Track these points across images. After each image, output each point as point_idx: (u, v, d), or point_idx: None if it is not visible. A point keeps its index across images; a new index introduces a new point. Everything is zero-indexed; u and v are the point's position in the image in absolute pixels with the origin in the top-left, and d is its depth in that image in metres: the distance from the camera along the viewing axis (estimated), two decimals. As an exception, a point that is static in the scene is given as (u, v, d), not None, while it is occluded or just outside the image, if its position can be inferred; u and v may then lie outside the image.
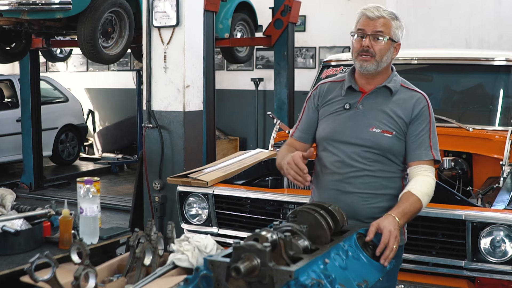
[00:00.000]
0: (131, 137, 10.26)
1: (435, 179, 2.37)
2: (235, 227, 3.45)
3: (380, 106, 2.38)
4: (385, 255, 2.06)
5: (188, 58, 4.86)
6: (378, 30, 2.32)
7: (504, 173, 3.33)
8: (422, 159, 2.33)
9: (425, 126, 2.36)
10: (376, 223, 2.12)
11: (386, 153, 2.35)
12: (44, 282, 1.86)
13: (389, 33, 2.34)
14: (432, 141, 2.36)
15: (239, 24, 7.87)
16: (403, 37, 2.41)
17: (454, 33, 8.87)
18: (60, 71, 12.18)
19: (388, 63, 2.40)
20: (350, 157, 2.36)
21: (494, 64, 4.09)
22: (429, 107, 2.39)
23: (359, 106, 2.39)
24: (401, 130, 2.36)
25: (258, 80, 9.89)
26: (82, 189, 2.47)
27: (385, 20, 2.33)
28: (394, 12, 2.38)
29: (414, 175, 2.33)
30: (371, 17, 2.33)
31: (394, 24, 2.35)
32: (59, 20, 5.80)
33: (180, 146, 4.87)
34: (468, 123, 3.81)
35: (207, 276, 1.62)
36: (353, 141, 2.36)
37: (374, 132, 2.34)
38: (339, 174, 2.38)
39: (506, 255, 2.77)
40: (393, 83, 2.41)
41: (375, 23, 2.33)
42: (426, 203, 2.29)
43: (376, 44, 2.33)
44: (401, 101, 2.38)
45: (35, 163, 8.31)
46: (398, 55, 2.47)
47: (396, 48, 2.40)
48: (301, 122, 2.56)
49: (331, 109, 2.45)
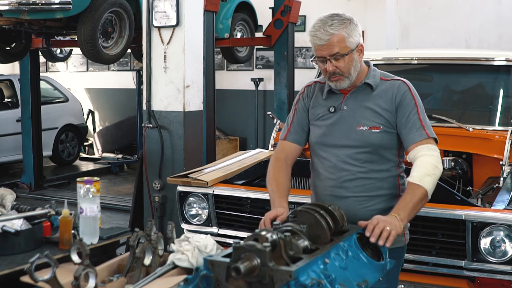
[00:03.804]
0: (131, 137, 10.26)
1: (437, 152, 2.29)
2: (235, 227, 3.45)
3: (363, 103, 2.37)
4: (374, 233, 2.01)
5: (188, 58, 4.86)
6: (335, 52, 2.26)
7: (504, 173, 3.33)
8: (417, 140, 2.29)
9: (411, 109, 2.32)
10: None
11: (378, 149, 2.33)
12: (44, 282, 1.86)
13: (345, 47, 2.27)
14: (424, 121, 2.32)
15: (239, 24, 7.88)
16: (360, 35, 2.33)
17: (454, 33, 8.87)
18: (60, 71, 12.17)
19: (359, 68, 2.36)
20: (342, 160, 2.35)
21: (494, 64, 4.08)
22: (412, 91, 2.37)
23: (343, 107, 2.38)
24: (388, 123, 2.34)
25: (258, 80, 9.88)
26: (82, 189, 2.46)
27: (335, 37, 2.25)
28: (343, 18, 2.30)
29: (413, 160, 2.29)
30: (321, 43, 2.27)
31: (346, 34, 2.27)
32: (59, 20, 5.80)
33: (180, 146, 4.88)
34: (468, 123, 3.81)
35: (207, 276, 1.62)
36: (342, 143, 2.35)
37: (362, 131, 2.33)
38: (333, 180, 2.37)
39: (506, 255, 2.77)
40: (372, 78, 2.39)
41: (328, 46, 2.26)
42: (430, 182, 2.22)
43: (339, 63, 2.29)
44: (382, 93, 2.37)
45: (35, 163, 8.31)
46: (398, 55, 2.46)
47: (360, 49, 2.34)
48: (293, 124, 2.51)
49: (317, 113, 2.44)
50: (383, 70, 2.51)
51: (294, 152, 2.50)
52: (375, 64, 2.51)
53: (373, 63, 2.53)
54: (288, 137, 2.51)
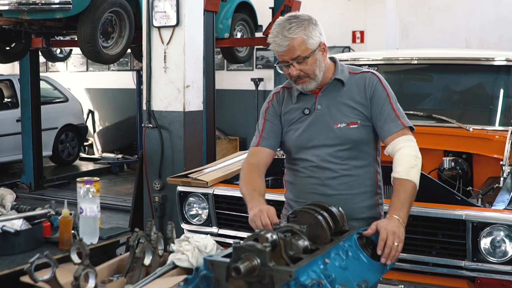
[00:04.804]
0: (131, 137, 10.26)
1: (414, 142, 2.30)
2: (235, 227, 3.44)
3: (337, 99, 2.35)
4: (385, 254, 2.04)
5: (188, 58, 4.86)
6: (296, 56, 2.24)
7: (504, 173, 3.32)
8: (393, 131, 2.29)
9: (384, 100, 2.32)
10: (376, 222, 2.11)
11: (357, 144, 2.33)
12: (44, 282, 1.86)
13: (306, 50, 2.23)
14: (398, 111, 2.32)
15: (239, 24, 7.88)
16: (322, 33, 2.30)
17: (454, 33, 8.88)
18: (60, 71, 12.18)
19: (325, 67, 2.33)
20: (324, 159, 2.33)
21: (494, 64, 4.08)
22: (382, 81, 2.36)
23: (317, 107, 2.36)
24: (364, 116, 2.33)
25: (258, 80, 9.89)
26: (82, 189, 2.46)
27: (295, 41, 2.22)
28: (301, 19, 2.26)
29: (393, 154, 2.29)
30: (281, 50, 2.24)
31: (305, 36, 2.23)
32: (59, 20, 5.80)
33: (180, 146, 4.87)
34: (468, 123, 3.81)
35: (207, 276, 1.62)
36: (322, 143, 2.33)
37: (340, 128, 2.32)
38: (315, 178, 2.35)
39: (506, 255, 2.77)
40: (341, 73, 2.37)
41: (289, 51, 2.23)
42: (416, 174, 2.23)
43: (303, 66, 2.26)
44: (354, 87, 2.35)
45: (35, 163, 8.31)
46: (398, 55, 2.45)
47: (323, 48, 2.31)
48: (265, 130, 2.44)
49: (291, 118, 2.40)
50: (384, 70, 2.51)
51: (267, 157, 2.44)
52: (375, 64, 2.52)
53: (373, 63, 2.53)
54: (261, 143, 2.44)
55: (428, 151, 3.87)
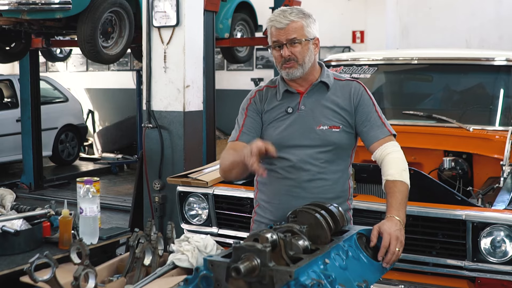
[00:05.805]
0: (131, 137, 10.27)
1: (399, 146, 2.35)
2: (235, 227, 3.44)
3: (321, 102, 2.37)
4: (387, 259, 2.04)
5: (188, 58, 4.86)
6: (292, 37, 2.29)
7: (504, 173, 3.32)
8: (380, 137, 2.34)
9: (370, 108, 2.37)
10: (377, 226, 2.11)
11: (337, 148, 2.35)
12: (44, 282, 1.86)
13: (303, 35, 2.30)
14: (383, 119, 2.38)
15: (239, 24, 7.88)
16: (318, 31, 2.37)
17: (454, 33, 8.88)
18: (60, 71, 12.18)
19: (313, 61, 2.37)
20: (302, 160, 2.33)
21: (494, 64, 4.08)
22: (366, 90, 2.42)
23: (301, 107, 2.37)
24: (347, 123, 2.36)
25: (258, 80, 9.89)
26: (82, 189, 2.47)
27: (295, 23, 2.29)
28: (302, 10, 2.35)
29: (381, 158, 2.32)
30: (280, 27, 2.29)
31: (305, 23, 2.30)
32: (59, 20, 5.80)
33: (180, 146, 4.87)
34: (468, 123, 3.81)
35: (207, 276, 1.62)
36: (303, 143, 2.34)
37: (322, 130, 2.33)
38: (291, 180, 2.34)
39: (507, 255, 2.77)
40: (327, 77, 2.40)
41: (287, 31, 2.29)
42: (407, 176, 2.28)
43: (295, 48, 2.30)
44: (339, 93, 2.39)
45: (35, 163, 8.31)
46: (398, 55, 2.46)
47: (316, 43, 2.37)
48: (245, 126, 2.45)
49: (273, 115, 2.40)
50: (384, 70, 2.52)
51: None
52: (375, 64, 2.52)
53: (373, 63, 2.53)
54: (242, 138, 2.43)
55: (428, 151, 3.87)
